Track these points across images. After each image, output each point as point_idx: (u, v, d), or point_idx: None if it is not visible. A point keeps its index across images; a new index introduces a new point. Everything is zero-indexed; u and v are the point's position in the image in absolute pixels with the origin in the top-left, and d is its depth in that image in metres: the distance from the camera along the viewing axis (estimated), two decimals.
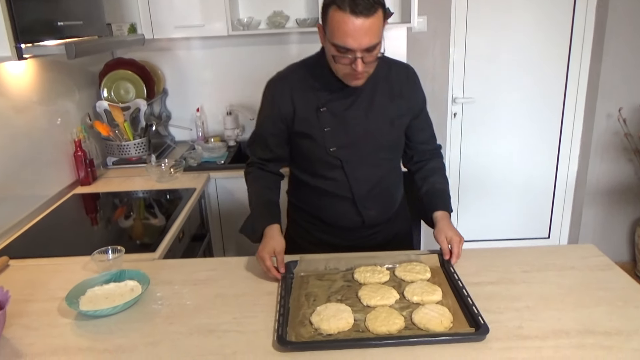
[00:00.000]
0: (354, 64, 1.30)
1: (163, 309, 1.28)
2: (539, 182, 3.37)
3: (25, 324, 1.24)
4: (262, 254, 1.36)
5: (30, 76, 2.04)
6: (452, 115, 3.21)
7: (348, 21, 1.24)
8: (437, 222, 1.48)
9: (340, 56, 1.30)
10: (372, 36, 1.26)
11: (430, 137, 1.64)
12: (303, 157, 1.54)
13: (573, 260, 1.44)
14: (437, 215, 1.50)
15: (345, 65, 1.32)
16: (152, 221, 1.96)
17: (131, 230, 1.90)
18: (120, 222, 1.97)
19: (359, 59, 1.29)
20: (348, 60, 1.30)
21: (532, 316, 1.19)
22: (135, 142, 2.49)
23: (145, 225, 1.92)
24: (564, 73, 3.13)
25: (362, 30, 1.24)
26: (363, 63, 1.30)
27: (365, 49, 1.28)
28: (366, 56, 1.30)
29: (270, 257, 1.36)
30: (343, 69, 1.34)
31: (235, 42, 2.87)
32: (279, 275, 1.35)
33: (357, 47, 1.27)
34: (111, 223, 1.98)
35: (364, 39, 1.26)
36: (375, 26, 1.26)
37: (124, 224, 1.96)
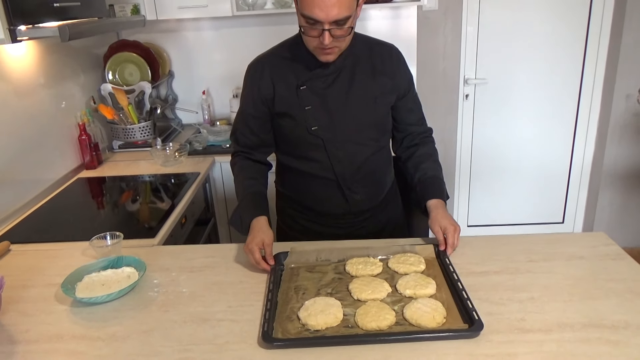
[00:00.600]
0: (321, 37, 1.26)
1: (159, 297, 1.27)
2: (553, 165, 3.27)
3: (22, 310, 1.24)
4: (250, 247, 1.33)
5: (31, 59, 2.02)
6: (464, 97, 3.12)
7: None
8: (430, 211, 1.44)
9: (309, 27, 1.27)
10: (341, 8, 1.22)
11: (420, 119, 1.59)
12: (285, 138, 1.51)
13: (582, 249, 1.39)
14: (430, 204, 1.45)
15: (314, 38, 1.28)
16: (154, 206, 1.94)
17: (132, 215, 1.89)
18: (123, 207, 1.96)
19: (326, 32, 1.25)
20: (316, 32, 1.26)
21: (536, 308, 1.14)
22: (140, 125, 2.48)
23: (147, 210, 1.91)
24: (582, 51, 3.01)
25: (330, 1, 1.20)
26: (331, 36, 1.26)
27: (333, 21, 1.24)
28: (335, 30, 1.25)
29: (259, 250, 1.33)
30: (312, 42, 1.30)
31: (241, 23, 2.81)
32: (268, 268, 1.32)
33: (325, 19, 1.23)
34: (113, 208, 1.97)
35: (332, 10, 1.21)
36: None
37: (126, 208, 1.95)
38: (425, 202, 1.46)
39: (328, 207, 1.55)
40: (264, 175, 1.58)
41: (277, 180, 1.66)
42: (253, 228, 1.38)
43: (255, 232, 1.36)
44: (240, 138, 1.56)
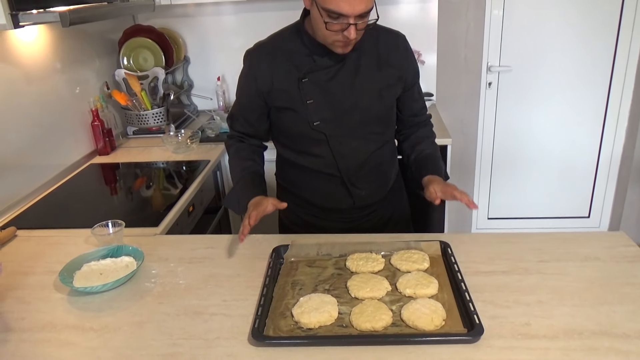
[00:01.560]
0: (346, 31, 1.21)
1: (155, 288, 1.25)
2: (580, 157, 3.13)
3: (20, 297, 1.25)
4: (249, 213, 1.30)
5: (43, 43, 2.02)
6: (487, 85, 3.01)
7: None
8: (425, 183, 1.37)
9: (332, 22, 1.20)
10: (367, 1, 1.18)
11: (421, 108, 1.53)
12: (286, 133, 1.46)
13: (598, 250, 1.31)
14: (426, 178, 1.39)
15: (337, 32, 1.22)
16: (162, 193, 1.93)
17: (139, 202, 1.88)
18: (131, 194, 1.96)
19: (352, 26, 1.20)
20: (340, 26, 1.21)
21: (543, 312, 1.08)
22: (153, 111, 2.47)
23: (155, 197, 1.90)
24: (614, 37, 2.85)
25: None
26: (357, 29, 1.21)
27: (358, 15, 1.18)
28: (359, 23, 1.21)
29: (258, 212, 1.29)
30: (333, 36, 1.24)
31: (257, 7, 2.76)
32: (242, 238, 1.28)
33: (351, 13, 1.18)
34: (123, 194, 1.97)
35: (360, 4, 1.17)
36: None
37: (134, 195, 1.94)
38: (421, 178, 1.41)
39: (331, 203, 1.51)
40: (261, 156, 1.55)
41: (278, 173, 1.61)
42: (251, 204, 1.34)
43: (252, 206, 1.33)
44: (236, 124, 1.53)
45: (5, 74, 1.79)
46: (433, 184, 1.34)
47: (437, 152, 1.51)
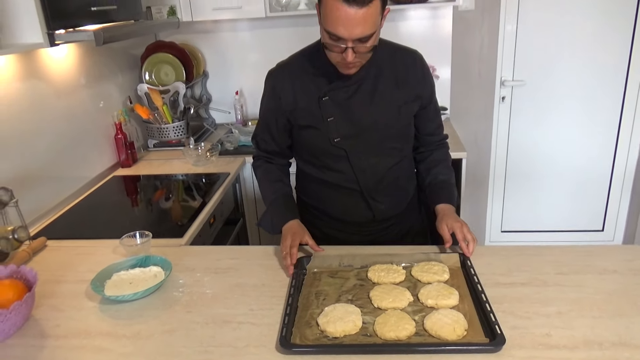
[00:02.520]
0: (344, 54, 1.24)
1: (183, 297, 1.30)
2: (594, 171, 3.15)
3: (54, 305, 1.29)
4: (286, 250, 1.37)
5: (72, 60, 2.09)
6: (500, 99, 3.04)
7: (341, 8, 1.17)
8: (438, 213, 1.44)
9: (332, 44, 1.24)
10: (365, 27, 1.19)
11: (438, 126, 1.57)
12: (307, 149, 1.50)
13: (616, 263, 1.33)
14: (439, 207, 1.45)
15: (337, 53, 1.26)
16: (184, 205, 1.98)
17: (163, 213, 1.93)
18: (154, 206, 2.01)
19: (349, 49, 1.22)
20: (339, 48, 1.24)
21: (563, 323, 1.11)
22: (174, 125, 2.53)
23: (177, 209, 1.95)
24: (628, 49, 2.87)
25: (354, 19, 1.17)
26: (354, 53, 1.24)
27: (357, 39, 1.21)
28: (358, 46, 1.23)
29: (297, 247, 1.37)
30: (335, 57, 1.28)
31: (274, 24, 2.83)
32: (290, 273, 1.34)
33: (348, 37, 1.20)
34: (146, 206, 2.03)
35: (356, 29, 1.19)
36: (370, 16, 1.19)
37: (157, 207, 2.00)
38: (434, 205, 1.47)
39: (352, 216, 1.54)
40: (288, 175, 1.60)
41: (298, 187, 1.65)
42: (287, 231, 1.41)
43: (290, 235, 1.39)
44: (261, 143, 1.57)
45: (38, 89, 1.86)
46: (446, 220, 1.39)
47: (452, 178, 1.55)
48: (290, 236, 1.38)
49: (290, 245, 1.35)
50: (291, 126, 1.49)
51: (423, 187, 1.56)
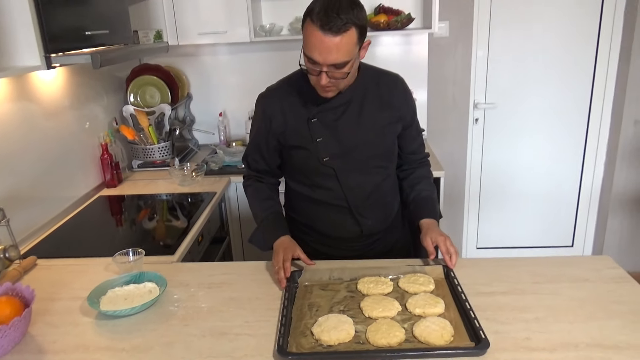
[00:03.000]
0: (318, 77, 1.33)
1: (179, 311, 1.33)
2: (563, 189, 3.31)
3: (49, 322, 1.31)
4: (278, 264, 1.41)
5: (60, 82, 2.13)
6: (474, 121, 3.19)
7: (317, 35, 1.26)
8: (422, 227, 1.51)
9: (310, 67, 1.33)
10: (339, 54, 1.28)
11: (420, 145, 1.66)
12: (297, 168, 1.57)
13: (587, 272, 1.43)
14: (423, 222, 1.53)
15: (313, 76, 1.35)
16: (172, 224, 2.02)
17: (152, 232, 1.96)
18: (143, 224, 2.04)
19: (323, 73, 1.31)
20: (315, 72, 1.33)
21: (541, 328, 1.19)
22: (159, 145, 2.57)
23: (166, 228, 1.98)
24: (590, 78, 3.07)
25: (328, 47, 1.26)
26: (328, 77, 1.32)
27: (331, 65, 1.30)
28: (333, 72, 1.31)
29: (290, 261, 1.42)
30: (312, 80, 1.37)
31: (257, 48, 2.92)
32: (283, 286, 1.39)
33: (323, 62, 1.29)
34: (134, 225, 2.05)
35: (330, 55, 1.28)
36: (345, 45, 1.27)
37: (146, 226, 2.02)
38: (418, 220, 1.54)
39: (340, 232, 1.61)
40: (278, 194, 1.66)
41: (287, 205, 1.71)
42: (279, 246, 1.46)
43: (282, 250, 1.45)
44: (252, 163, 1.64)
45: (28, 110, 1.89)
46: (430, 233, 1.46)
47: (434, 193, 1.64)
48: (282, 251, 1.44)
49: (283, 259, 1.41)
50: (281, 147, 1.56)
51: (407, 203, 1.64)
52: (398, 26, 2.66)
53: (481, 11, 2.97)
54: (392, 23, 2.66)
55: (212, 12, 2.57)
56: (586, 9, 2.94)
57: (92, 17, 1.81)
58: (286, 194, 1.70)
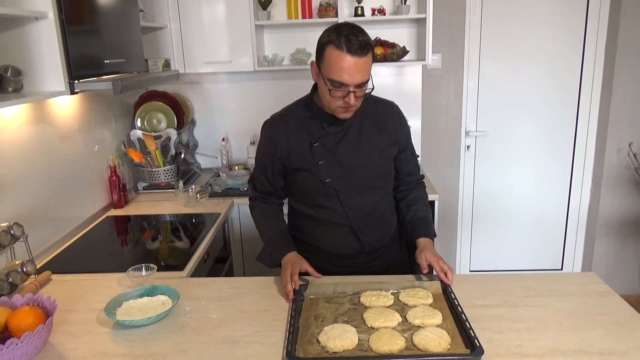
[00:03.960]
0: (346, 98, 1.45)
1: (191, 321, 1.41)
2: (551, 214, 3.44)
3: (68, 332, 1.38)
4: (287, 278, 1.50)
5: (74, 107, 2.23)
6: (466, 148, 3.33)
7: (345, 59, 1.40)
8: (418, 246, 1.62)
9: (335, 90, 1.45)
10: (363, 74, 1.43)
11: (415, 168, 1.78)
12: (301, 190, 1.68)
13: (574, 287, 1.53)
14: (419, 241, 1.63)
15: (338, 98, 1.47)
16: (180, 243, 2.10)
17: (161, 250, 2.04)
18: (151, 243, 2.12)
19: (351, 93, 1.44)
20: (342, 93, 1.45)
21: (532, 336, 1.28)
22: (165, 168, 2.67)
23: (174, 246, 2.07)
24: (575, 108, 3.24)
25: (356, 67, 1.41)
26: (355, 97, 1.45)
27: (357, 84, 1.43)
28: (357, 91, 1.45)
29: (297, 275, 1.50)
30: (336, 102, 1.48)
31: (260, 77, 3.06)
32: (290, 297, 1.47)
33: (351, 82, 1.42)
34: (142, 243, 2.13)
35: (358, 75, 1.42)
36: (367, 65, 1.43)
37: (153, 244, 2.10)
38: (415, 239, 1.65)
39: (342, 249, 1.70)
40: (282, 213, 1.76)
41: (290, 225, 1.80)
42: (287, 261, 1.55)
43: (290, 264, 1.54)
44: (258, 185, 1.74)
45: (46, 134, 1.99)
46: (425, 252, 1.57)
47: (429, 214, 1.75)
48: (290, 265, 1.53)
49: (291, 273, 1.50)
50: (285, 170, 1.66)
51: (404, 223, 1.74)
52: (394, 58, 2.81)
53: (471, 45, 3.15)
54: (388, 55, 2.81)
55: (218, 42, 2.71)
56: (570, 44, 3.13)
57: (111, 46, 1.94)
58: (289, 214, 1.80)
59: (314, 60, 1.50)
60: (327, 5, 2.79)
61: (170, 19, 2.68)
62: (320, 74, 1.48)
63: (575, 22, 3.10)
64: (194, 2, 2.66)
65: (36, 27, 1.62)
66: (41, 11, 1.60)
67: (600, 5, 3.05)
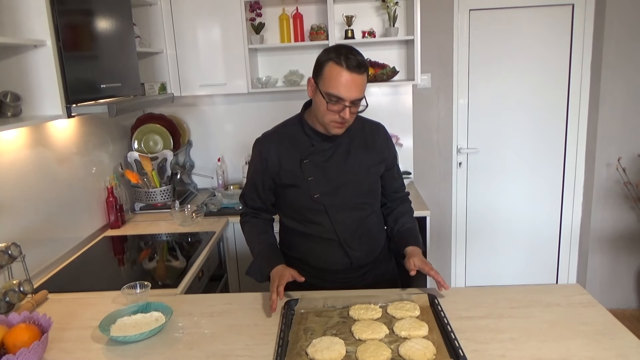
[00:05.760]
0: (342, 112, 1.52)
1: (184, 337, 1.44)
2: (544, 229, 3.47)
3: (63, 348, 1.41)
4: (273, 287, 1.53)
5: (71, 130, 2.29)
6: (458, 165, 3.39)
7: (344, 74, 1.48)
8: (407, 253, 1.67)
9: (332, 104, 1.52)
10: (360, 90, 1.51)
11: (401, 185, 1.85)
12: (291, 205, 1.72)
13: (558, 298, 1.56)
14: (408, 249, 1.68)
15: (334, 112, 1.53)
16: (175, 260, 2.14)
17: (156, 268, 2.07)
18: (146, 262, 2.15)
19: (347, 108, 1.51)
20: (338, 108, 1.52)
21: (515, 346, 1.31)
22: (161, 189, 2.72)
23: (169, 264, 2.10)
24: (564, 123, 3.31)
25: (353, 83, 1.49)
26: (351, 112, 1.52)
27: (353, 100, 1.51)
28: (352, 107, 1.52)
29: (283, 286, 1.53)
30: (331, 116, 1.54)
31: (254, 98, 3.13)
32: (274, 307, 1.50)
33: (348, 97, 1.50)
34: (138, 262, 2.16)
35: (354, 91, 1.50)
36: (363, 83, 1.51)
37: (149, 263, 2.14)
38: (403, 248, 1.70)
39: (331, 264, 1.74)
40: (273, 229, 1.81)
41: (281, 241, 1.84)
42: (275, 274, 1.59)
43: (277, 277, 1.57)
44: (249, 201, 1.79)
45: (43, 156, 2.04)
46: (413, 257, 1.62)
47: (416, 226, 1.81)
48: (277, 278, 1.56)
49: (278, 284, 1.53)
50: (276, 186, 1.71)
51: (392, 235, 1.79)
52: (384, 78, 2.89)
53: (460, 65, 3.23)
54: (378, 75, 2.88)
55: (212, 66, 2.79)
56: (556, 61, 3.21)
57: (107, 71, 2.01)
58: (280, 231, 1.84)
59: (311, 77, 1.58)
60: (319, 28, 2.88)
61: (167, 44, 2.77)
62: (317, 89, 1.55)
63: (560, 40, 3.18)
64: (189, 27, 2.75)
65: (35, 54, 1.69)
66: (40, 39, 1.67)
67: (585, 23, 3.14)
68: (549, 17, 3.16)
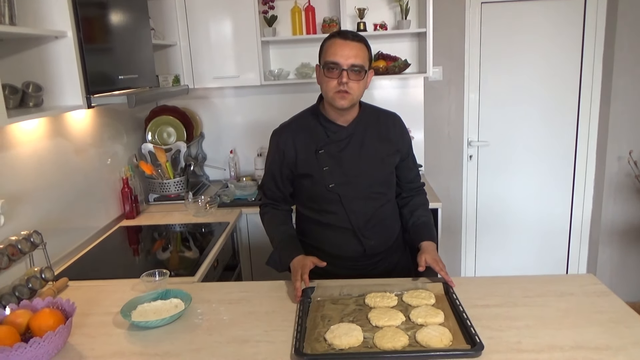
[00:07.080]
0: (340, 77, 1.54)
1: (203, 323, 1.47)
2: (555, 222, 3.48)
3: (86, 333, 1.45)
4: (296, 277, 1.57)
5: (89, 122, 2.33)
6: (468, 158, 3.39)
7: (337, 42, 1.55)
8: (421, 248, 1.69)
9: (329, 71, 1.56)
10: (356, 57, 1.54)
11: (416, 175, 1.86)
12: (306, 194, 1.76)
13: (572, 288, 1.58)
14: (423, 244, 1.71)
15: (333, 79, 1.56)
16: (190, 251, 2.17)
17: (172, 258, 2.11)
18: (162, 251, 2.19)
19: (345, 71, 1.54)
20: (336, 74, 1.55)
21: (530, 333, 1.33)
22: (175, 180, 2.75)
23: (184, 254, 2.14)
24: (575, 117, 3.30)
25: (347, 48, 1.54)
26: (349, 78, 1.54)
27: (350, 66, 1.53)
28: (351, 74, 1.55)
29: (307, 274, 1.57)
30: (331, 85, 1.57)
31: (266, 91, 3.15)
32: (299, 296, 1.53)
33: (344, 62, 1.53)
34: (153, 252, 2.20)
35: (350, 55, 1.54)
36: (360, 51, 1.55)
37: (165, 252, 2.17)
38: (418, 242, 1.72)
39: (345, 252, 1.76)
40: (291, 219, 1.84)
41: (298, 229, 1.87)
42: (296, 264, 1.62)
43: (299, 267, 1.60)
44: (268, 192, 1.82)
45: (62, 147, 2.07)
46: (425, 254, 1.64)
47: (431, 219, 1.82)
48: (300, 268, 1.60)
49: (302, 272, 1.57)
50: (293, 176, 1.74)
51: (407, 228, 1.81)
52: (396, 71, 2.89)
53: (471, 58, 3.23)
54: (390, 68, 2.89)
55: (225, 58, 2.81)
56: (568, 54, 3.21)
57: (124, 63, 2.03)
58: (297, 220, 1.87)
59: (318, 64, 1.63)
60: (331, 21, 2.89)
61: (180, 37, 2.79)
62: (320, 70, 1.60)
63: (572, 33, 3.18)
64: (202, 20, 2.77)
65: (56, 45, 1.72)
66: (61, 30, 1.70)
67: (597, 17, 3.13)
68: (561, 10, 3.15)
